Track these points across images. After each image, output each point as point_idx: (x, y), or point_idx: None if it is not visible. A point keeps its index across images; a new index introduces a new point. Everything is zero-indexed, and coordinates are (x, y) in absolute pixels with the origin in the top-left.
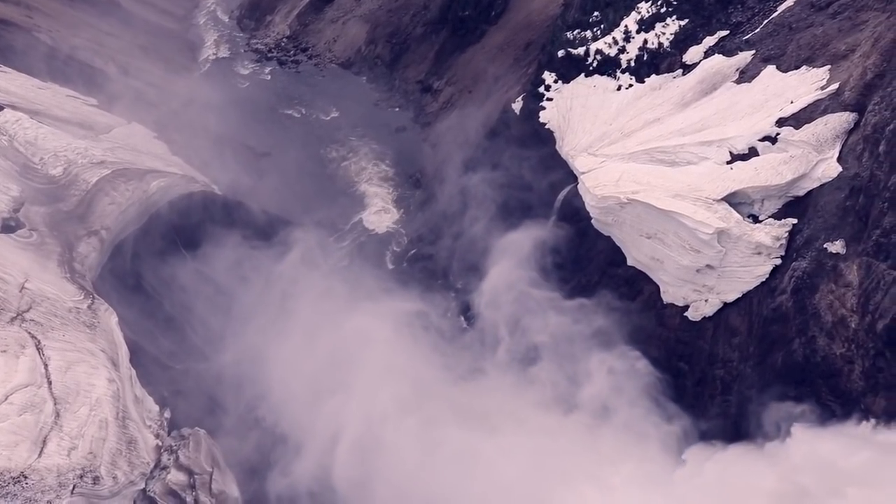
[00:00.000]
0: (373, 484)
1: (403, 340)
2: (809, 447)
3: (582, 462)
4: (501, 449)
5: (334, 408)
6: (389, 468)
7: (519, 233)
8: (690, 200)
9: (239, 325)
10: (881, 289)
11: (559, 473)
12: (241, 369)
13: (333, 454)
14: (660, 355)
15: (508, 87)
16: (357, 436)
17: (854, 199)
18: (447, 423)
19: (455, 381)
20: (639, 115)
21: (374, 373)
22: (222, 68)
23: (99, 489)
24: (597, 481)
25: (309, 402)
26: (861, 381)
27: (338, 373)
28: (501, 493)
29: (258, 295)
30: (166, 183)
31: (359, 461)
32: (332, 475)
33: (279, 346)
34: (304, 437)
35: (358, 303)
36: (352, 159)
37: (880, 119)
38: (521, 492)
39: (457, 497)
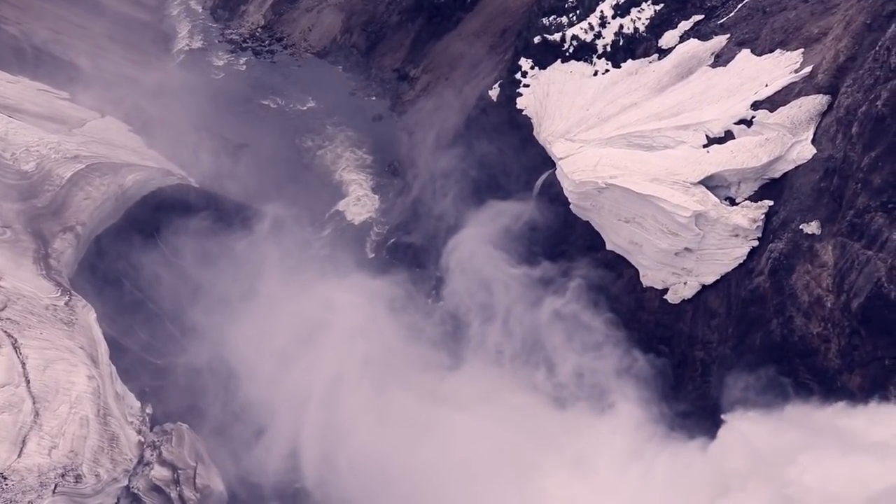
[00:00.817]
0: (336, 457)
1: (373, 314)
2: (739, 432)
3: (545, 442)
4: (462, 422)
5: (300, 385)
6: (349, 436)
7: (497, 219)
8: (668, 184)
9: (219, 317)
10: (856, 268)
11: (521, 451)
12: (221, 362)
13: (300, 434)
14: (640, 338)
15: (485, 74)
16: (320, 409)
17: (828, 180)
18: (403, 393)
19: (420, 357)
20: (615, 100)
21: (338, 346)
22: (197, 59)
23: (81, 488)
24: (563, 460)
25: (281, 387)
26: (837, 360)
27: (310, 354)
28: (458, 467)
29: (237, 287)
30: (142, 177)
31: (322, 436)
32: (300, 455)
33: (258, 337)
34: (274, 422)
35: (337, 290)
36: (329, 147)
37: (853, 101)
38: (480, 466)
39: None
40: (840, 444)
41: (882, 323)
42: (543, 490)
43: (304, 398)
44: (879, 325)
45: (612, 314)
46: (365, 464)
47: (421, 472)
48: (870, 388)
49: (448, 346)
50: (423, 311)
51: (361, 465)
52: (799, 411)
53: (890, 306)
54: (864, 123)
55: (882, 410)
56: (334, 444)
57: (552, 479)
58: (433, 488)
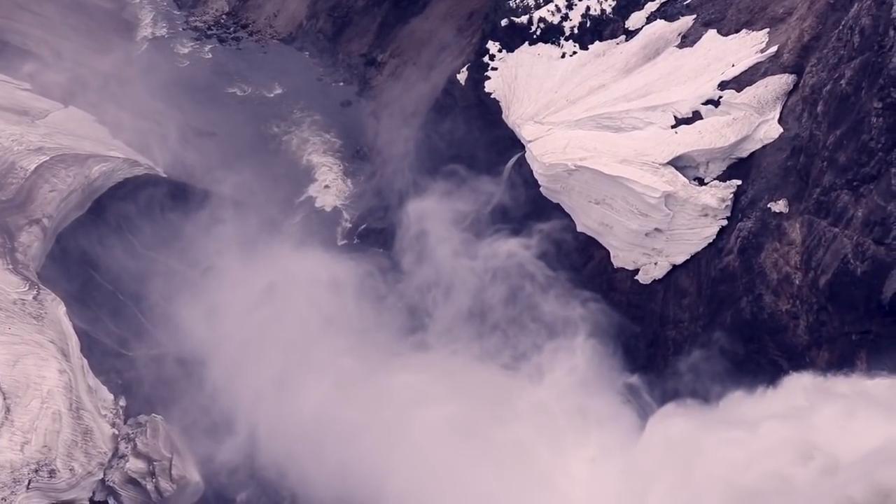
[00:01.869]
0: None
1: (338, 294)
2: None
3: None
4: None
5: (262, 370)
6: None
7: (466, 202)
8: (637, 165)
9: (189, 307)
10: (823, 245)
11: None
12: (193, 351)
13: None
14: (611, 319)
15: (453, 58)
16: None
17: (795, 158)
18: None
19: (382, 331)
20: (584, 82)
21: (301, 330)
22: (161, 48)
23: (56, 482)
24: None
25: (246, 373)
26: (806, 336)
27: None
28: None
29: (207, 276)
30: (108, 167)
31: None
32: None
33: (228, 326)
34: (238, 408)
35: (307, 275)
36: (297, 133)
37: (818, 80)
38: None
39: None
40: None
41: (849, 299)
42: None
43: (264, 382)
44: (846, 301)
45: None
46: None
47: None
48: (837, 363)
49: (410, 323)
50: (387, 291)
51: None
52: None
53: (856, 282)
54: (829, 102)
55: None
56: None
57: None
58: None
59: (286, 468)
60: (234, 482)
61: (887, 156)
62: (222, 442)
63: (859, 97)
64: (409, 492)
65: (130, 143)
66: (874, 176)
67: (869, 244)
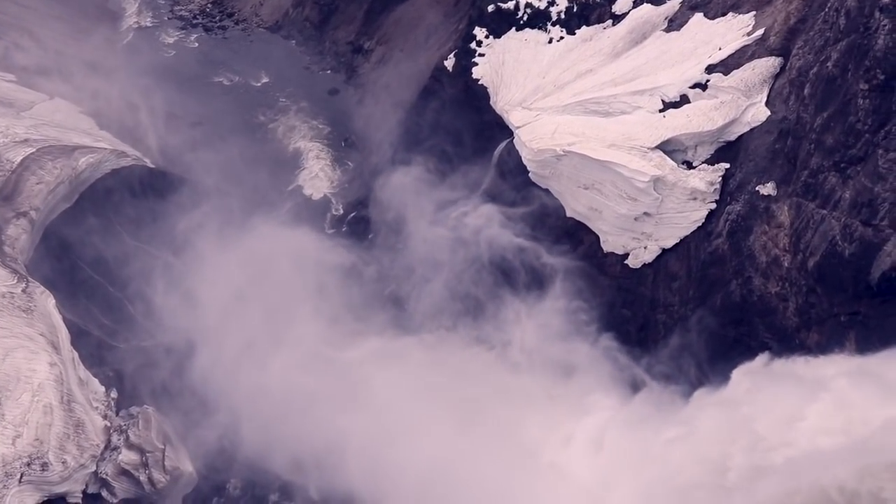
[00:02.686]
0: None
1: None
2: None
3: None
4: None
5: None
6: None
7: (455, 188)
8: (625, 150)
9: (179, 297)
10: (811, 227)
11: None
12: (185, 343)
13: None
14: (602, 302)
15: (440, 45)
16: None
17: (783, 141)
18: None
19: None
20: (571, 67)
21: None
22: (146, 37)
23: (48, 475)
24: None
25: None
26: (795, 318)
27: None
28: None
29: (196, 267)
30: (96, 159)
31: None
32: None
33: (218, 315)
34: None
35: (295, 263)
36: (285, 122)
37: (804, 63)
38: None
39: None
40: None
41: (837, 280)
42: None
43: (246, 367)
44: (835, 283)
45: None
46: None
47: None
48: (826, 344)
49: (391, 303)
50: (371, 273)
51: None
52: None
53: (844, 264)
54: (816, 84)
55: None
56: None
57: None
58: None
59: (272, 450)
60: (224, 469)
61: (874, 137)
62: (211, 428)
63: (846, 79)
64: (371, 449)
65: (117, 133)
66: (861, 157)
67: (857, 226)
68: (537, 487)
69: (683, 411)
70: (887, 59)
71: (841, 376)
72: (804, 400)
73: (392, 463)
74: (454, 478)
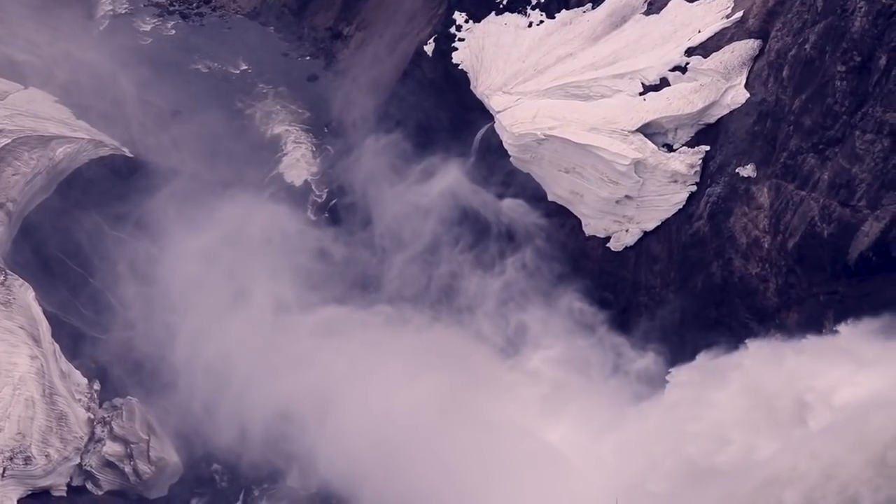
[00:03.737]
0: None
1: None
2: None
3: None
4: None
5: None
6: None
7: (436, 174)
8: (606, 133)
9: (160, 287)
10: (790, 209)
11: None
12: (167, 332)
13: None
14: (584, 286)
15: (419, 30)
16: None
17: (762, 123)
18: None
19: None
20: (551, 51)
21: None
22: (122, 25)
23: (32, 469)
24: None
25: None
26: (775, 298)
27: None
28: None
29: (177, 256)
30: (73, 149)
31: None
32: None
33: (200, 305)
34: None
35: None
36: (263, 109)
37: (783, 45)
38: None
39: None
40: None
41: (816, 261)
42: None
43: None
44: (814, 263)
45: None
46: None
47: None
48: (806, 324)
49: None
50: (346, 257)
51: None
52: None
53: (823, 244)
54: (794, 66)
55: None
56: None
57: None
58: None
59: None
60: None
61: (851, 119)
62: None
63: (823, 61)
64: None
65: (95, 123)
66: (839, 139)
67: (835, 206)
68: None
69: (664, 390)
70: (864, 41)
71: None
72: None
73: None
74: (406, 432)
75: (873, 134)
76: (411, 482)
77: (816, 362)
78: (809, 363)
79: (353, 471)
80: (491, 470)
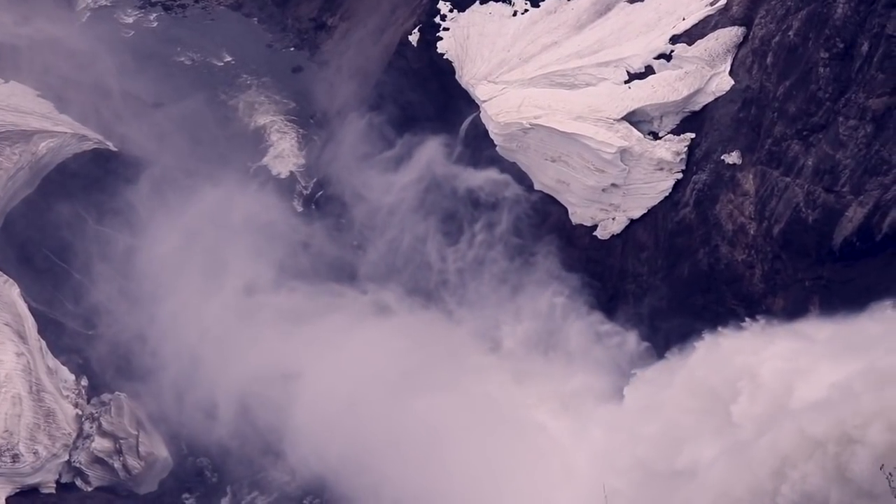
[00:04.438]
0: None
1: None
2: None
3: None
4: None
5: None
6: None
7: (422, 165)
8: (592, 122)
9: (147, 283)
10: (775, 195)
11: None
12: (154, 326)
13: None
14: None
15: (404, 19)
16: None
17: (746, 110)
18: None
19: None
20: (536, 39)
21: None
22: (103, 17)
23: (20, 467)
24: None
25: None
26: (762, 284)
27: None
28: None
29: (162, 249)
30: (56, 143)
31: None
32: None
33: (186, 299)
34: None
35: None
36: (248, 100)
37: (767, 32)
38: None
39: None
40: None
41: (801, 246)
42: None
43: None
44: (799, 249)
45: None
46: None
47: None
48: (792, 310)
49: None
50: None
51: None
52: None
53: (808, 230)
54: (778, 53)
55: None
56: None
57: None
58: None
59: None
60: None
61: (834, 105)
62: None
63: (807, 48)
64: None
65: (78, 116)
66: (823, 125)
67: (819, 192)
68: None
69: (653, 377)
70: (846, 28)
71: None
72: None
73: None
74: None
75: (856, 120)
76: (386, 465)
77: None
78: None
79: (326, 455)
80: (473, 447)
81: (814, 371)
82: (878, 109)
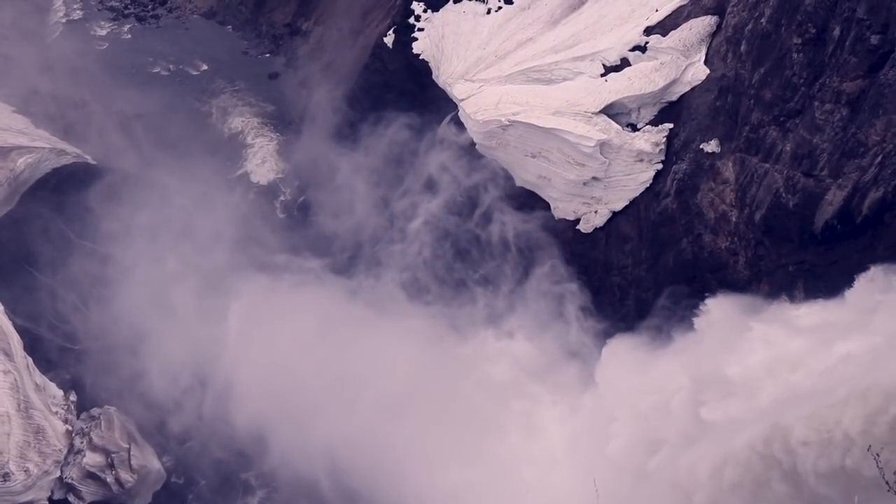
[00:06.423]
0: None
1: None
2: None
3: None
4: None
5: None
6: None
7: (402, 165)
8: (570, 116)
9: (133, 296)
10: (755, 181)
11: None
12: (141, 339)
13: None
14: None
15: (378, 21)
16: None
17: (723, 99)
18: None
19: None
20: (511, 36)
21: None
22: (76, 31)
23: (11, 485)
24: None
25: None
26: (746, 271)
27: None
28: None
29: (147, 262)
30: (34, 158)
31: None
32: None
33: (172, 308)
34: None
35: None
36: (225, 109)
37: (739, 20)
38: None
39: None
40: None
41: (783, 231)
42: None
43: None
44: (781, 234)
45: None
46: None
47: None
48: (776, 295)
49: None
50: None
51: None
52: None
53: (789, 215)
54: (752, 41)
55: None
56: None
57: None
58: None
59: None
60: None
61: (809, 90)
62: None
63: (780, 34)
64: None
65: (55, 131)
66: (799, 110)
67: (799, 177)
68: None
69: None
70: (818, 13)
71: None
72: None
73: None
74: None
75: (832, 104)
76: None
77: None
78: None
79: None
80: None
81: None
82: (852, 92)
